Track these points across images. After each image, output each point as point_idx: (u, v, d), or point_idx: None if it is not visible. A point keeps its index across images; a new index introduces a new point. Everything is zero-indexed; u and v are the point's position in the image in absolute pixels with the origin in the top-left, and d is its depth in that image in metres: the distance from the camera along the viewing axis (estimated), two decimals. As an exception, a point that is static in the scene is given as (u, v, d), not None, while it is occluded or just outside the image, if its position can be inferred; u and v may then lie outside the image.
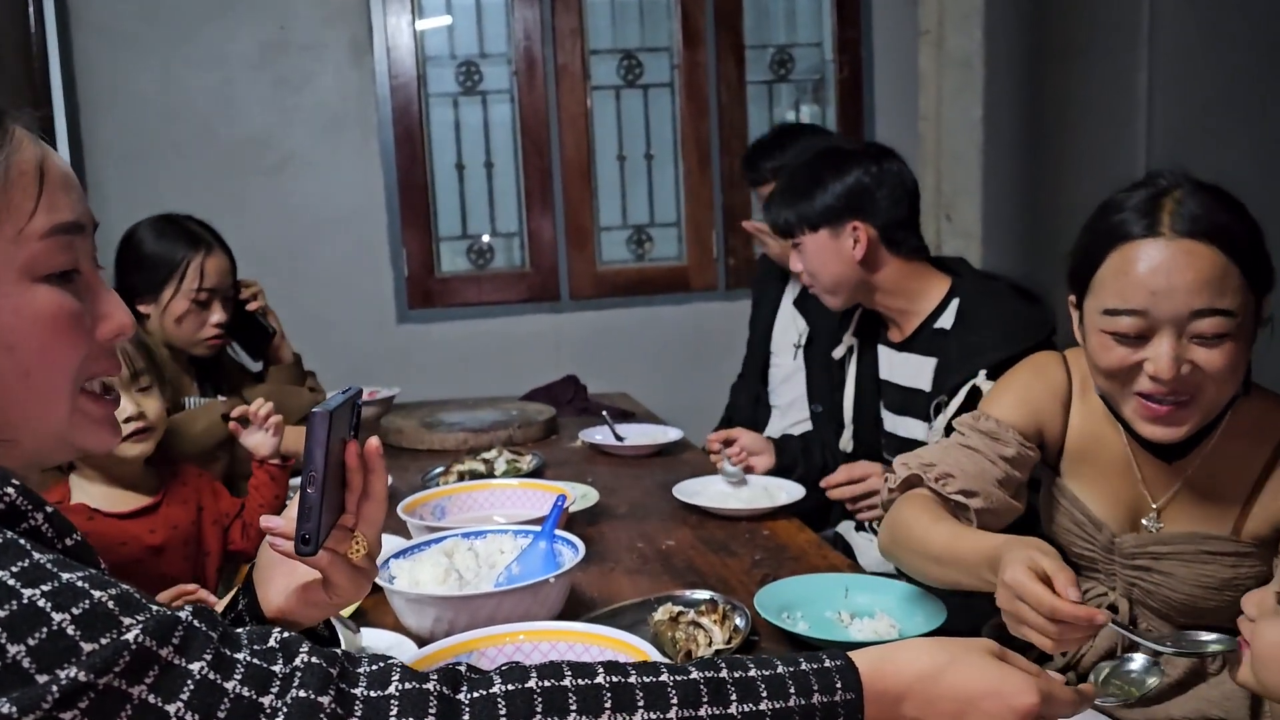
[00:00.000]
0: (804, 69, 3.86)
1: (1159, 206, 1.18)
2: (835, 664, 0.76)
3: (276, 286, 2.75)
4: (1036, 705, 0.78)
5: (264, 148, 3.45)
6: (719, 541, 1.74)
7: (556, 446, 2.46)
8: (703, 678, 0.73)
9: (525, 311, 3.68)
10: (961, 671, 0.79)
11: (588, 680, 0.71)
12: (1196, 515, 1.31)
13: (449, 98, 3.64)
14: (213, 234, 2.14)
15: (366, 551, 0.89)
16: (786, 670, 0.75)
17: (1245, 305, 1.16)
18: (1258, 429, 1.27)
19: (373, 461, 0.87)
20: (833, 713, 0.74)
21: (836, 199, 1.90)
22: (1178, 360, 1.16)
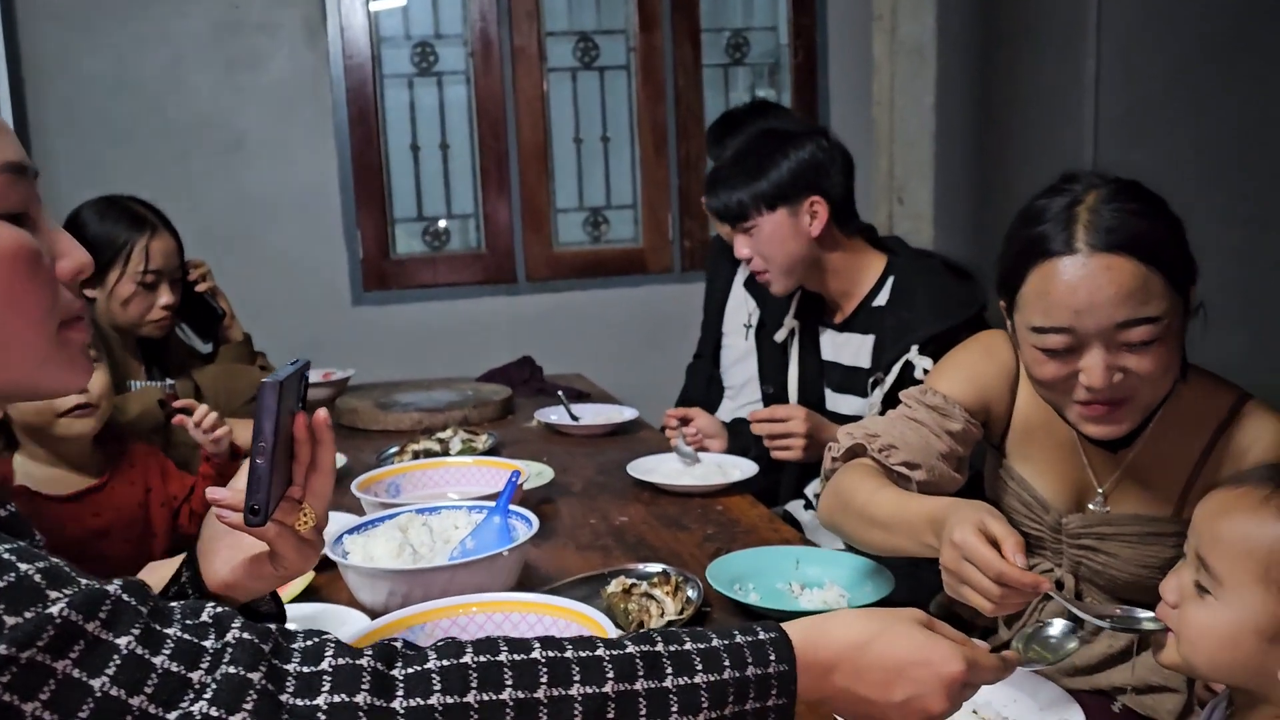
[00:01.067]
0: (759, 53, 3.88)
1: (1074, 219, 1.18)
2: (769, 636, 0.77)
3: (230, 269, 2.72)
4: (963, 673, 0.79)
5: (216, 128, 3.41)
6: (672, 517, 1.76)
7: (512, 426, 2.47)
8: (639, 651, 0.72)
9: (481, 294, 3.67)
10: (890, 641, 0.79)
11: (523, 655, 0.70)
12: (1140, 498, 1.34)
13: (404, 79, 3.62)
14: (158, 215, 2.11)
15: (314, 523, 0.89)
16: (721, 643, 0.75)
17: (1170, 307, 1.17)
18: (1197, 412, 1.30)
19: (321, 433, 0.88)
20: (766, 684, 0.74)
21: (793, 175, 1.89)
22: (1110, 370, 1.18)
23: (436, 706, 0.65)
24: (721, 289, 2.72)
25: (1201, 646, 0.93)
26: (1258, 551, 0.89)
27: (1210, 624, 0.92)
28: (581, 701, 0.68)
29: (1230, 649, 0.91)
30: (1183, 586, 0.95)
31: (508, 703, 0.67)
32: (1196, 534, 0.96)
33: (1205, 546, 0.93)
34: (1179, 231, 1.21)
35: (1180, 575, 0.97)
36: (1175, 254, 1.19)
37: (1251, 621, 0.90)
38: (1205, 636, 0.92)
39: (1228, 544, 0.91)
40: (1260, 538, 0.90)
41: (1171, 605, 0.96)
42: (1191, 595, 0.94)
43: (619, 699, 0.69)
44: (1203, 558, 0.93)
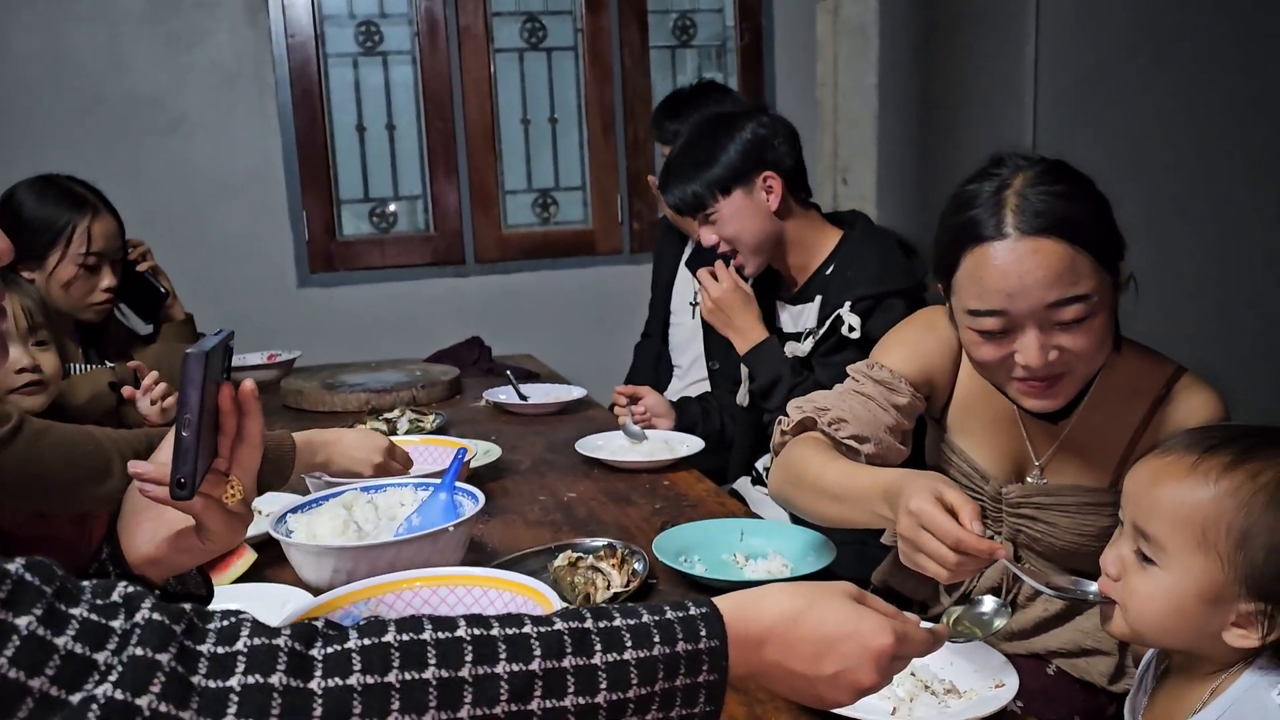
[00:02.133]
0: (707, 35, 3.89)
1: (1003, 203, 1.20)
2: (700, 611, 0.75)
3: (172, 251, 2.68)
4: (892, 645, 0.79)
5: (156, 108, 3.34)
6: (620, 492, 1.77)
7: (461, 406, 2.47)
8: (567, 628, 0.70)
9: (430, 275, 3.65)
10: (820, 614, 0.79)
11: (448, 633, 0.68)
12: (1078, 468, 1.37)
13: (348, 58, 3.58)
14: (98, 196, 2.07)
15: (242, 496, 0.87)
16: (652, 619, 0.73)
17: (1099, 283, 1.20)
18: (1134, 385, 1.34)
19: (247, 404, 0.86)
20: (697, 660, 0.73)
21: (741, 155, 1.92)
22: (1044, 349, 1.20)
23: (356, 686, 0.63)
24: (668, 269, 2.73)
25: (1148, 615, 0.94)
26: (1193, 517, 0.91)
27: (1155, 592, 0.94)
28: (508, 679, 0.67)
29: (1176, 615, 0.93)
30: (1123, 558, 0.97)
31: (430, 682, 0.65)
32: (1131, 505, 0.97)
33: (1142, 517, 0.95)
34: (1105, 209, 1.24)
35: (1119, 547, 0.98)
36: (1101, 232, 1.22)
37: (1194, 586, 0.91)
38: (1151, 605, 0.94)
39: (1164, 513, 0.93)
40: (1193, 503, 0.92)
41: (1114, 578, 0.98)
42: (1133, 566, 0.96)
43: (546, 676, 0.68)
44: (1140, 528, 0.95)
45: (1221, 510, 0.91)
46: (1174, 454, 0.96)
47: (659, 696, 0.71)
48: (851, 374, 1.46)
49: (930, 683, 1.06)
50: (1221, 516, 0.90)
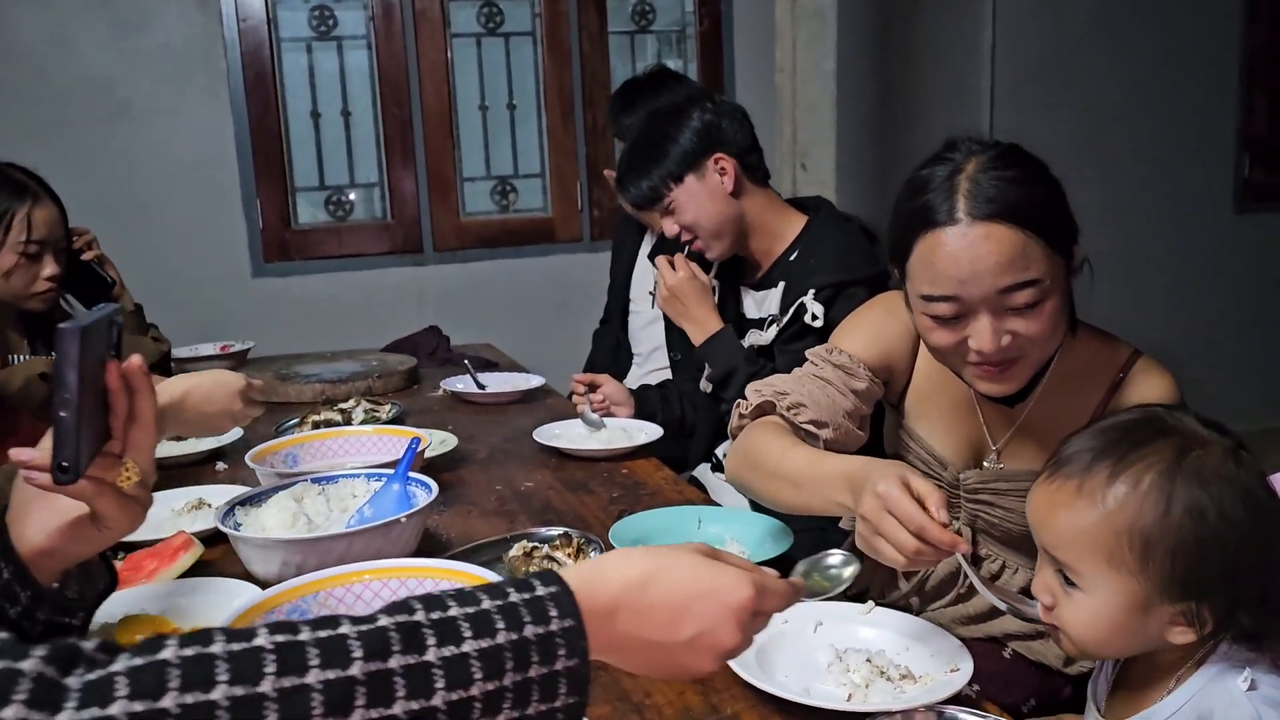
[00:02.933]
0: (666, 21, 3.87)
1: (955, 189, 1.19)
2: (548, 590, 0.68)
3: (121, 240, 2.62)
4: (751, 598, 0.74)
5: (103, 93, 3.27)
6: (578, 481, 1.76)
7: (418, 396, 2.44)
8: (393, 623, 0.62)
9: (388, 264, 3.61)
10: (671, 575, 0.73)
11: (244, 644, 0.58)
12: (1034, 453, 1.37)
13: (302, 43, 3.52)
14: (39, 182, 2.01)
15: (138, 478, 0.84)
16: (494, 604, 0.65)
17: (1051, 268, 1.19)
18: (1090, 369, 1.34)
19: (136, 381, 0.82)
20: (550, 643, 0.65)
21: (690, 142, 1.93)
22: (997, 334, 1.20)
23: (119, 716, 0.53)
24: (628, 258, 2.72)
25: (1089, 636, 0.95)
26: (1095, 541, 0.92)
27: (1087, 616, 0.94)
28: (322, 689, 0.57)
29: (1112, 631, 0.93)
30: (1051, 587, 0.97)
31: (219, 703, 0.55)
32: (1039, 533, 0.98)
33: (1051, 545, 0.96)
34: (1057, 194, 1.23)
35: (1043, 575, 0.99)
36: (1053, 217, 1.21)
37: (1119, 602, 0.92)
38: (1087, 627, 0.94)
39: (1067, 540, 0.94)
40: (1090, 527, 0.92)
41: (1048, 606, 0.98)
42: (1060, 592, 0.96)
43: (370, 680, 0.59)
44: (1053, 555, 0.96)
45: (1116, 528, 0.91)
46: (1058, 478, 0.96)
47: (511, 691, 0.63)
48: (810, 358, 1.45)
49: (886, 668, 1.06)
50: (1119, 534, 0.91)
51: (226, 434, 2.01)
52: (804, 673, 1.07)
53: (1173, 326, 4.27)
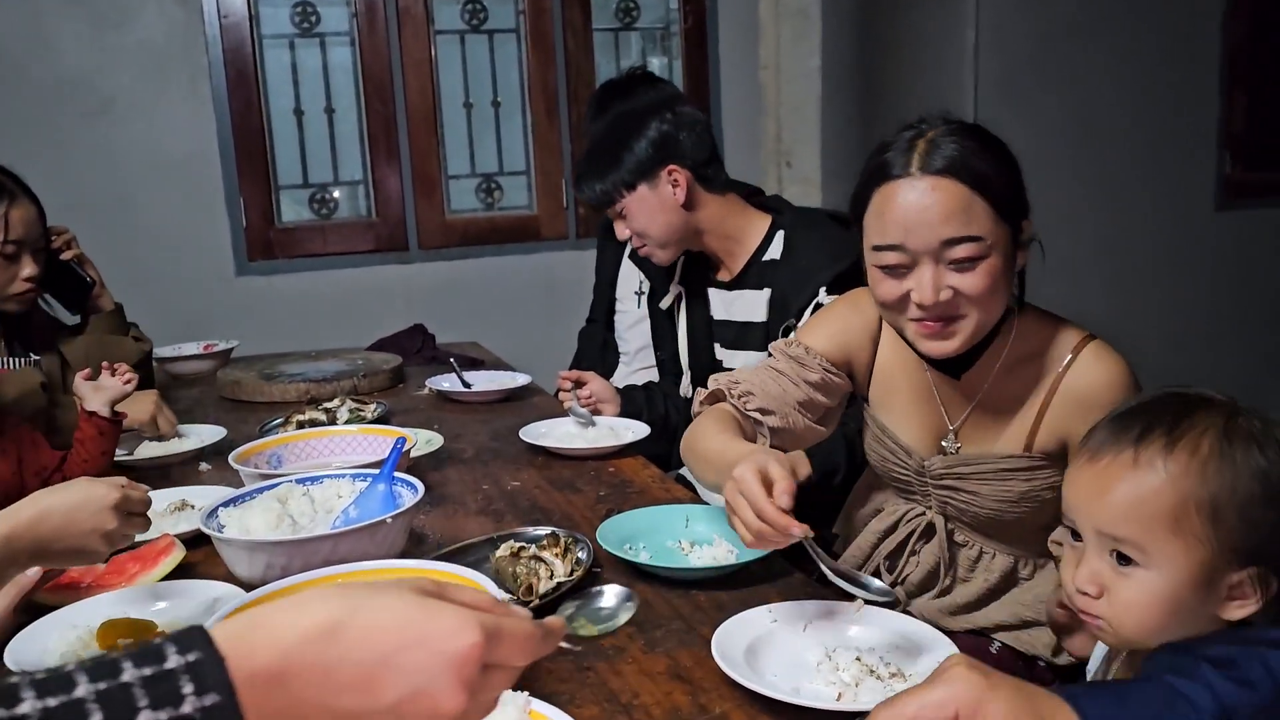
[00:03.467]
0: (650, 18, 3.86)
1: (913, 147, 1.26)
2: (185, 660, 0.52)
3: (102, 239, 2.60)
4: (478, 645, 0.58)
5: (83, 90, 3.24)
6: (565, 480, 1.75)
7: (403, 395, 2.43)
8: None
9: (372, 263, 3.59)
10: (367, 621, 0.56)
11: None
12: (990, 434, 1.40)
13: (284, 39, 3.49)
14: (16, 181, 1.99)
15: None
16: (92, 689, 0.50)
17: (995, 231, 1.25)
18: (1043, 351, 1.37)
19: None
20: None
21: (644, 152, 1.96)
22: (937, 287, 1.25)
23: None
24: (613, 257, 2.72)
25: (1146, 619, 0.91)
26: (1158, 510, 0.89)
27: (1145, 594, 0.91)
28: None
29: (1173, 609, 0.90)
30: (1097, 574, 0.93)
31: None
32: (1088, 516, 0.94)
33: (1108, 524, 0.92)
34: (1011, 168, 1.29)
35: (1088, 564, 0.94)
36: (1003, 185, 1.26)
37: (1185, 574, 0.89)
38: (1145, 608, 0.91)
39: (1128, 514, 0.90)
40: (1152, 496, 0.89)
41: (1095, 596, 0.93)
42: (1113, 577, 0.92)
43: None
44: (1110, 534, 0.92)
45: (1182, 493, 0.89)
46: (1106, 455, 0.94)
47: None
48: (771, 351, 1.52)
49: (875, 667, 1.06)
50: (1185, 499, 0.89)
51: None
52: (793, 671, 1.07)
53: (1154, 322, 4.29)
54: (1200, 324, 4.37)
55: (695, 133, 1.98)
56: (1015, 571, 1.46)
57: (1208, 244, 4.34)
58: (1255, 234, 4.40)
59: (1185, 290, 4.34)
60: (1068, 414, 1.33)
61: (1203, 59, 4.22)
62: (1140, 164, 4.17)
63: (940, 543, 1.47)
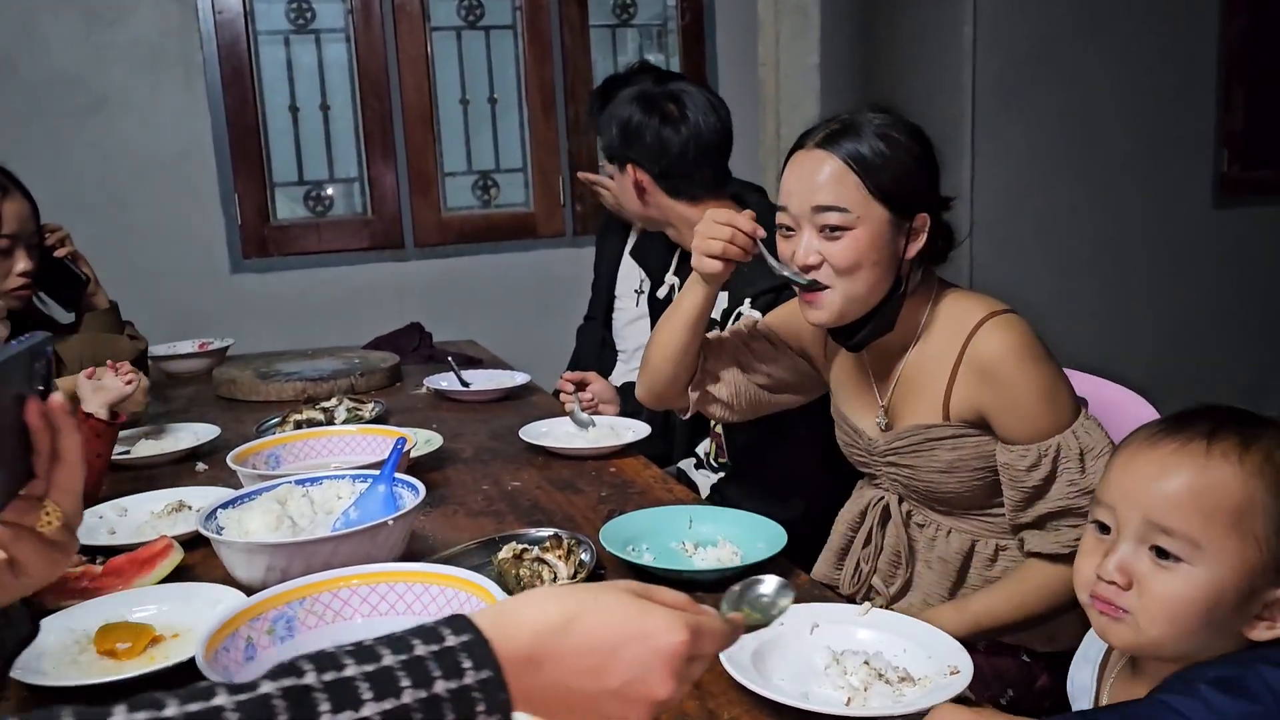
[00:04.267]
0: (648, 14, 3.84)
1: (822, 127, 1.40)
2: (460, 639, 0.62)
3: (97, 236, 2.58)
4: (686, 643, 0.67)
5: (76, 87, 3.21)
6: (565, 480, 1.74)
7: (401, 394, 2.41)
8: (277, 689, 0.56)
9: (368, 260, 3.57)
10: (594, 618, 0.66)
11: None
12: (913, 407, 1.45)
13: (279, 36, 3.47)
14: (8, 176, 1.97)
15: (61, 523, 0.77)
16: (397, 660, 0.59)
17: (865, 207, 1.35)
18: (954, 323, 1.41)
19: (58, 419, 0.76)
20: (465, 700, 0.59)
21: (614, 138, 2.02)
22: (808, 250, 1.39)
23: None
24: (612, 254, 2.70)
25: (1181, 617, 0.87)
26: (1223, 504, 0.86)
27: (1186, 591, 0.87)
28: None
29: (1209, 613, 0.87)
30: (1129, 565, 0.89)
31: None
32: (1134, 502, 0.90)
33: (1158, 512, 0.88)
34: (910, 161, 1.37)
35: (1118, 552, 0.90)
36: (890, 175, 1.36)
37: (1232, 577, 0.86)
38: (1185, 605, 0.87)
39: (1186, 504, 0.87)
40: (1222, 489, 0.87)
41: (1124, 586, 0.90)
42: (1150, 569, 0.89)
43: None
44: (1159, 524, 0.88)
45: (1252, 492, 0.86)
46: (1169, 442, 0.90)
47: None
48: None
49: (884, 671, 1.05)
50: (1253, 498, 0.86)
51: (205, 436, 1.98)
52: (801, 676, 1.06)
53: (1152, 320, 4.29)
54: (1198, 322, 4.37)
55: (663, 145, 1.97)
56: (973, 551, 1.48)
57: (1206, 242, 4.34)
58: (1253, 232, 4.40)
59: (1183, 288, 4.34)
60: (973, 382, 1.38)
61: (1201, 57, 4.21)
62: (1138, 162, 4.16)
63: (897, 523, 1.52)
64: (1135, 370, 1.46)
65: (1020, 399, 1.35)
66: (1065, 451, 1.33)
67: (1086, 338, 3.66)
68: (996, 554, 1.47)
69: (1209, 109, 4.28)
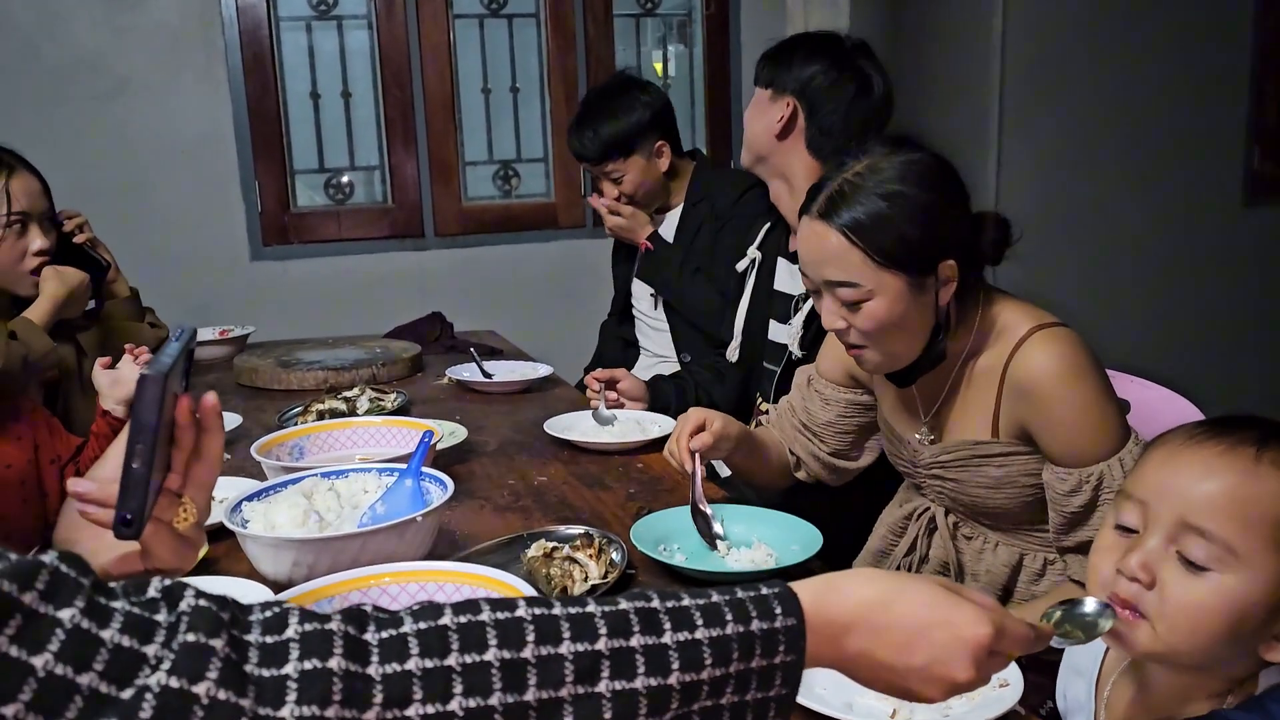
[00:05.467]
0: (673, 4, 3.80)
1: (823, 187, 1.34)
2: (773, 591, 0.71)
3: (117, 222, 2.56)
4: (989, 636, 0.73)
5: (97, 71, 3.19)
6: (593, 476, 1.71)
7: (422, 384, 2.38)
8: (633, 608, 0.67)
9: (388, 249, 3.54)
10: (911, 600, 0.74)
11: (508, 614, 0.64)
12: (961, 422, 1.42)
13: (301, 22, 3.44)
14: (13, 154, 1.94)
15: (195, 519, 0.79)
16: (722, 599, 0.70)
17: (876, 279, 1.30)
18: (1002, 336, 1.37)
19: (208, 419, 0.77)
20: (773, 640, 0.68)
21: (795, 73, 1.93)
22: (832, 315, 1.36)
23: (415, 671, 0.60)
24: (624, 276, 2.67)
25: (1205, 625, 0.83)
26: (1268, 516, 0.83)
27: (1213, 600, 0.83)
28: (573, 659, 0.63)
29: (1234, 626, 0.83)
30: (1154, 564, 0.85)
31: (493, 663, 0.61)
32: (1175, 499, 0.86)
33: (1196, 514, 0.84)
34: (921, 213, 1.29)
35: (1143, 551, 0.86)
36: (892, 235, 1.28)
37: (1263, 593, 0.82)
38: (1211, 613, 0.83)
39: (1228, 510, 0.83)
40: (1267, 497, 0.83)
41: (1146, 584, 0.85)
42: (1176, 571, 0.85)
43: (613, 656, 0.64)
44: (1196, 526, 0.84)
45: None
46: (1216, 444, 0.86)
47: (734, 678, 0.67)
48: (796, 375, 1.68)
49: (929, 680, 1.01)
50: None
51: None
52: (844, 686, 1.01)
53: (1180, 318, 4.23)
54: (1227, 320, 4.31)
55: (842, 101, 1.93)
56: (1021, 564, 1.45)
57: (1235, 239, 4.27)
58: (1284, 230, 4.34)
59: (1212, 286, 4.28)
60: (1016, 400, 1.34)
61: (1233, 50, 4.15)
62: (1168, 157, 4.10)
63: (945, 535, 1.49)
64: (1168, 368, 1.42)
65: (1060, 420, 1.30)
66: (1108, 481, 1.27)
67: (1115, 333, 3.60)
68: (1045, 568, 1.43)
69: (1240, 103, 4.22)
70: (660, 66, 3.85)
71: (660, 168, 2.44)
